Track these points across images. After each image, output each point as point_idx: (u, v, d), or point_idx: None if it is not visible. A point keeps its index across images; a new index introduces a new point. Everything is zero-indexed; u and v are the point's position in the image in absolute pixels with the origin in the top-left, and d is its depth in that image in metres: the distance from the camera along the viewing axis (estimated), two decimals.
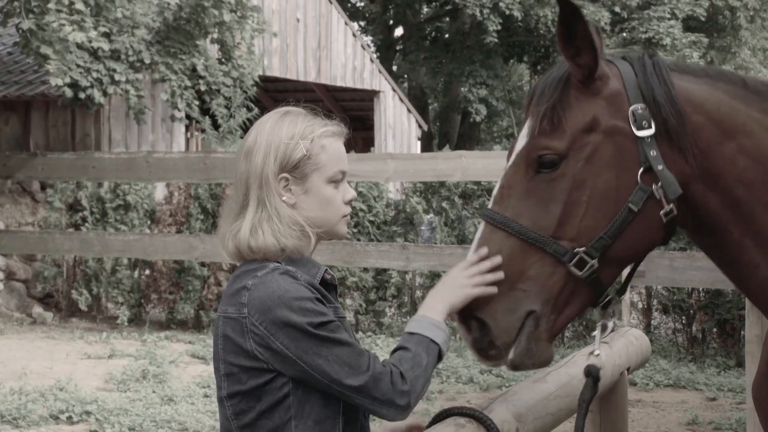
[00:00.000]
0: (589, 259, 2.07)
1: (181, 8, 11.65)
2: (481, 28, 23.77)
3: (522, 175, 2.12)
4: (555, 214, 2.08)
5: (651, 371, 7.95)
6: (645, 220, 2.11)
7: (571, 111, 2.11)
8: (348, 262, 9.21)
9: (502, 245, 2.09)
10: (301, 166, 2.11)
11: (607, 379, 2.94)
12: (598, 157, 2.10)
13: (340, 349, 1.99)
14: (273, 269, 2.05)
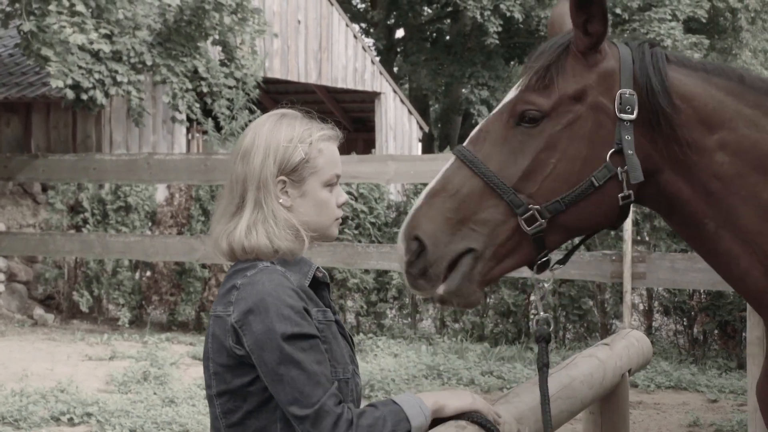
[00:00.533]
0: (539, 218, 2.15)
1: (182, 10, 11.66)
2: (481, 30, 23.77)
3: (502, 124, 2.21)
4: (521, 166, 2.17)
5: (652, 373, 7.94)
6: (602, 197, 2.19)
7: (564, 76, 2.19)
8: (349, 263, 9.21)
9: (464, 182, 2.17)
10: (299, 170, 2.12)
11: (608, 381, 2.94)
12: (577, 127, 2.18)
13: (297, 373, 1.97)
14: (262, 269, 2.06)
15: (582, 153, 2.17)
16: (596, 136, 2.18)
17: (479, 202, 2.15)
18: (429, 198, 2.17)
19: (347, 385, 2.10)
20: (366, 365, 8.31)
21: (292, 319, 1.98)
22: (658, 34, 23.00)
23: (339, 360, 2.09)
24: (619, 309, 9.07)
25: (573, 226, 2.23)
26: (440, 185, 2.18)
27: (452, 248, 2.13)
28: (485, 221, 2.15)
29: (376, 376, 7.74)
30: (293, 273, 2.10)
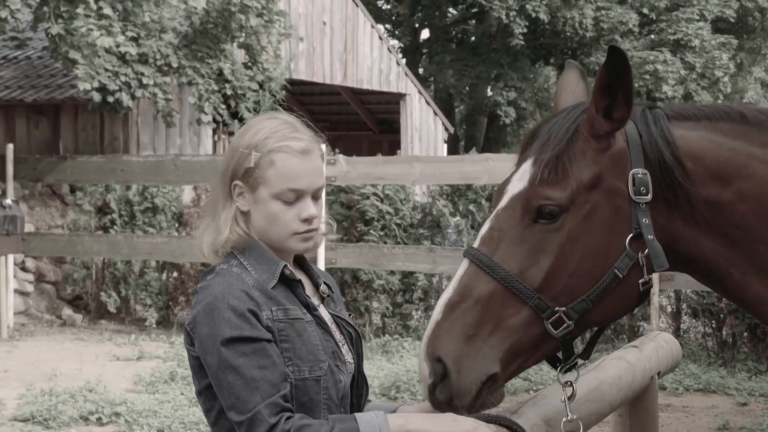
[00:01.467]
0: (566, 320, 2.02)
1: (208, 13, 11.72)
2: (507, 31, 23.72)
3: (516, 221, 2.04)
4: (544, 267, 2.02)
5: (680, 375, 7.88)
6: (626, 287, 2.06)
7: (577, 164, 2.04)
8: (375, 264, 9.21)
9: (484, 289, 2.01)
10: (249, 177, 2.11)
11: (637, 384, 2.92)
12: (596, 216, 2.04)
13: (234, 378, 1.96)
14: (219, 272, 2.08)
15: (603, 244, 2.04)
16: (614, 223, 2.05)
17: (501, 309, 2.00)
18: (448, 311, 2.01)
19: (318, 383, 2.07)
20: (392, 366, 8.30)
21: (232, 322, 1.97)
22: (686, 34, 22.85)
23: (305, 358, 2.06)
24: (646, 311, 9.00)
25: (598, 321, 2.11)
26: (458, 295, 2.01)
27: (476, 377, 1.99)
28: (508, 330, 2.01)
29: (402, 377, 7.73)
30: (260, 272, 2.09)
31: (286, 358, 2.04)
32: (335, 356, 2.13)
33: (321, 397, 2.07)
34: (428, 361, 1.99)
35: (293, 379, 2.03)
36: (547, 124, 2.12)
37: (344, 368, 2.16)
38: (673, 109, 2.19)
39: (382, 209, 10.07)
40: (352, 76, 18.19)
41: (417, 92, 19.85)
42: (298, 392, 2.04)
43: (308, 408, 2.05)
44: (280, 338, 2.04)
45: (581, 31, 23.43)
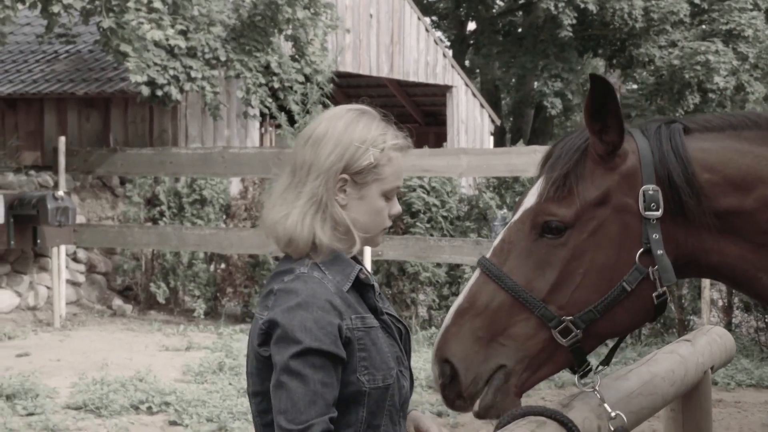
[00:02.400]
0: (574, 329, 2.09)
1: (255, 5, 11.78)
2: (555, 22, 23.50)
3: (525, 234, 2.13)
4: (549, 279, 2.10)
5: (732, 370, 7.76)
6: (637, 300, 2.11)
7: (584, 183, 2.11)
8: (421, 257, 9.20)
9: (492, 297, 2.10)
10: (364, 173, 2.09)
11: (690, 378, 2.87)
12: (603, 232, 2.10)
13: (297, 385, 1.95)
14: (299, 275, 2.04)
15: (611, 259, 2.10)
16: (623, 238, 2.10)
17: (509, 317, 2.09)
18: (457, 317, 2.11)
19: (387, 391, 2.07)
20: None
21: (314, 333, 1.96)
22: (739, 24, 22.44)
23: (379, 367, 2.06)
24: (697, 305, 8.87)
25: (609, 332, 2.16)
26: (467, 302, 2.11)
27: (485, 368, 2.09)
28: (516, 337, 2.09)
29: None
30: (335, 274, 2.07)
31: (363, 367, 2.04)
32: (399, 361, 2.14)
33: (386, 404, 2.08)
34: (437, 365, 2.10)
35: (367, 388, 2.04)
36: (562, 141, 2.20)
37: (407, 373, 2.17)
38: (696, 121, 2.22)
39: (428, 202, 10.05)
40: (399, 69, 18.17)
41: (463, 84, 19.77)
42: (369, 401, 2.04)
43: (374, 415, 2.06)
44: (358, 347, 2.04)
45: (631, 22, 23.12)
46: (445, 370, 2.09)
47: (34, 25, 14.87)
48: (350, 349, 2.03)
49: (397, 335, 2.19)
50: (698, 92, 22.47)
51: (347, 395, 2.03)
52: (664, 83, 23.32)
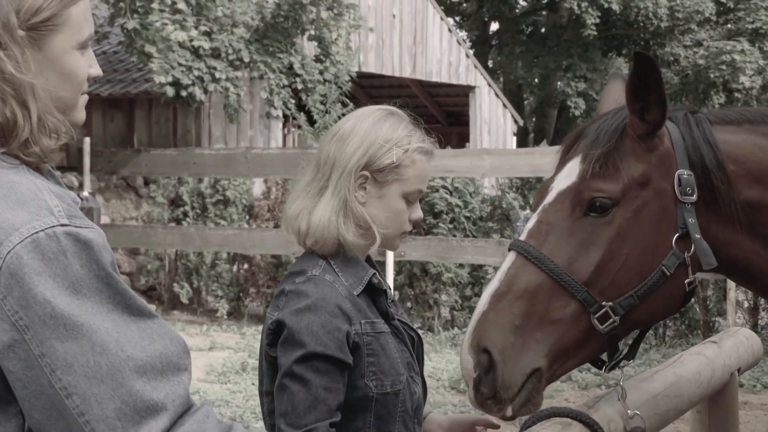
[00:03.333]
0: (612, 315, 2.01)
1: (279, 6, 11.82)
2: (578, 22, 23.40)
3: (566, 214, 2.05)
4: (593, 260, 2.02)
5: (758, 372, 7.68)
6: (672, 286, 2.07)
7: (628, 161, 2.07)
8: (443, 257, 9.18)
9: (532, 280, 2.00)
10: (385, 172, 2.08)
11: (717, 380, 2.85)
12: (645, 213, 2.06)
13: (299, 389, 1.95)
14: (311, 278, 2.03)
15: (651, 241, 2.05)
16: (662, 222, 2.07)
17: (548, 302, 1.99)
18: (494, 301, 1.99)
19: (397, 397, 2.06)
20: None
21: (320, 337, 1.96)
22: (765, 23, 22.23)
23: (388, 372, 2.05)
24: (722, 306, 8.79)
25: (645, 320, 2.11)
26: (505, 286, 2.00)
27: (521, 369, 1.97)
28: (554, 324, 1.99)
29: None
30: (347, 276, 2.06)
31: (371, 372, 2.03)
32: (410, 367, 2.12)
33: (398, 410, 2.06)
34: (473, 353, 1.96)
35: (375, 393, 2.02)
36: (594, 124, 2.15)
37: (418, 379, 2.15)
38: (715, 114, 2.21)
39: (451, 202, 10.03)
40: (421, 69, 18.15)
41: (486, 84, 19.72)
42: (377, 405, 2.03)
43: (384, 420, 2.05)
44: (367, 352, 2.03)
45: (656, 21, 22.97)
46: (483, 361, 1.96)
47: None
48: (358, 354, 2.02)
49: (409, 342, 2.18)
50: (723, 92, 22.30)
51: (354, 399, 2.02)
52: (689, 83, 23.16)
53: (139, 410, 1.35)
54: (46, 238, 1.34)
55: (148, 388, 1.36)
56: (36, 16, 1.43)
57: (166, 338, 1.42)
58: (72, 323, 1.33)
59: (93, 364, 1.34)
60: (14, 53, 1.40)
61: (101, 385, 1.34)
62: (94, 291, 1.36)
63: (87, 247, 1.37)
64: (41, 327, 1.32)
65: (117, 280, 1.40)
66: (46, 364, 1.33)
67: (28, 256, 1.33)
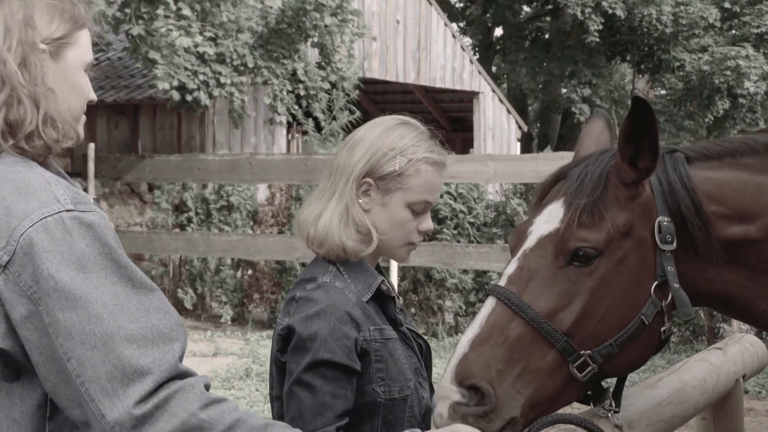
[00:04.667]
0: (591, 363, 2.00)
1: (283, 12, 11.84)
2: (582, 28, 23.39)
3: (548, 262, 2.02)
4: (575, 310, 1.99)
5: (764, 379, 7.66)
6: (649, 334, 2.06)
7: (612, 210, 2.04)
8: (447, 263, 9.17)
9: (512, 328, 1.96)
10: (387, 180, 2.09)
11: (722, 386, 2.84)
12: (626, 263, 2.04)
13: (306, 395, 1.97)
14: (321, 284, 2.05)
15: (631, 290, 2.03)
16: (642, 271, 2.05)
17: (528, 351, 1.96)
18: (476, 345, 1.95)
19: (405, 402, 2.07)
20: None
21: (328, 344, 1.97)
22: None
23: (395, 378, 2.06)
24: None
25: (622, 368, 2.09)
26: (486, 332, 1.96)
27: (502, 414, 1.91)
28: (533, 374, 1.95)
29: None
30: (356, 282, 2.07)
31: (379, 378, 2.04)
32: (418, 373, 2.13)
33: (405, 415, 2.07)
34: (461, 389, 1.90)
35: (383, 399, 2.03)
36: (576, 168, 2.12)
37: (426, 384, 2.16)
38: (695, 149, 2.18)
39: (455, 208, 10.03)
40: (425, 75, 18.17)
41: (490, 90, 19.73)
42: (385, 411, 2.04)
43: (392, 426, 2.06)
44: (375, 358, 2.04)
45: (660, 27, 22.97)
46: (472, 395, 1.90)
47: None
48: (367, 360, 2.03)
49: (417, 350, 2.19)
50: (728, 97, 22.28)
51: (362, 405, 2.03)
52: (693, 88, 23.13)
53: (128, 373, 1.53)
54: (54, 222, 1.57)
55: (136, 354, 1.54)
56: (54, 33, 1.71)
57: (160, 311, 1.60)
58: (72, 296, 1.54)
59: (88, 332, 1.54)
60: (33, 63, 1.66)
61: (94, 350, 1.53)
62: (98, 266, 1.57)
63: (90, 228, 1.59)
64: (48, 299, 1.54)
65: (120, 254, 1.61)
66: (53, 332, 1.54)
67: (38, 237, 1.55)
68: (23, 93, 1.65)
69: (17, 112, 1.64)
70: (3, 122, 1.64)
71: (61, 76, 1.72)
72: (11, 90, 1.64)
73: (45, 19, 1.70)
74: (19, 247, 1.55)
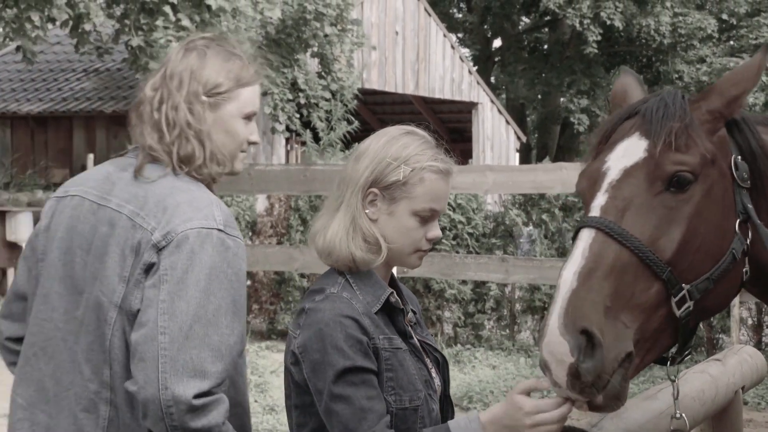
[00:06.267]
0: (689, 299, 1.91)
1: (283, 22, 11.88)
2: (581, 39, 23.46)
3: (643, 189, 1.94)
4: (675, 238, 1.92)
5: (763, 390, 7.65)
6: (736, 273, 2.01)
7: (701, 138, 2.00)
8: (446, 274, 9.17)
9: (618, 258, 1.87)
10: (392, 189, 2.10)
11: (721, 398, 2.84)
12: (714, 193, 1.99)
13: (343, 407, 1.98)
14: (329, 295, 2.06)
15: (721, 223, 1.98)
16: (726, 205, 2.00)
17: (634, 282, 1.87)
18: (583, 279, 1.84)
19: (416, 412, 2.07)
20: (464, 376, 8.25)
21: (345, 351, 1.98)
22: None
23: (406, 388, 2.06)
24: (726, 323, 8.77)
25: (714, 307, 2.02)
26: (592, 262, 1.85)
27: (616, 353, 1.81)
28: (639, 309, 1.87)
29: (474, 387, 7.68)
30: (365, 294, 2.08)
31: (389, 387, 2.04)
32: (428, 385, 2.13)
33: (417, 426, 2.07)
34: (570, 334, 1.77)
35: (394, 409, 2.04)
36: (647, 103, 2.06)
37: (435, 396, 2.16)
38: (756, 117, 2.20)
39: (454, 218, 10.03)
40: (424, 86, 18.20)
41: (489, 101, 19.76)
42: (397, 421, 2.04)
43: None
44: (385, 367, 2.05)
45: (658, 37, 23.03)
46: (582, 343, 1.77)
47: (64, 44, 15.09)
48: (378, 368, 2.04)
49: (434, 364, 2.20)
50: None
51: None
52: None
53: (198, 371, 1.95)
54: (206, 233, 2.03)
55: (209, 360, 1.96)
56: (215, 89, 2.17)
57: (238, 336, 2.03)
58: (189, 292, 1.97)
59: (188, 324, 1.96)
60: (198, 111, 2.15)
61: (185, 340, 1.95)
62: (218, 281, 2.00)
63: (227, 250, 2.04)
64: (175, 284, 1.98)
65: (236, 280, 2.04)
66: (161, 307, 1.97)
67: (192, 237, 2.02)
68: (190, 134, 2.13)
69: (186, 148, 2.13)
70: (177, 156, 2.13)
71: (218, 123, 2.16)
72: (180, 131, 2.13)
73: (212, 76, 2.17)
74: (176, 240, 2.01)
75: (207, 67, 2.19)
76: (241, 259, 2.05)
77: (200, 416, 1.93)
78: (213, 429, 1.94)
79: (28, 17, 10.02)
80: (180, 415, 1.92)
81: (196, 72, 2.17)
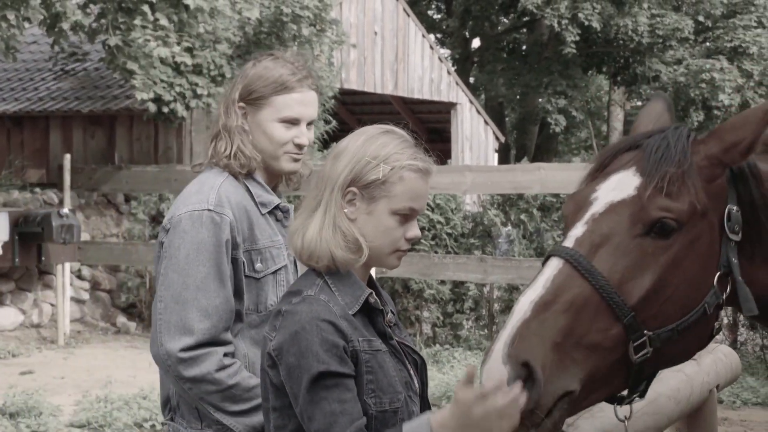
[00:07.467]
0: (648, 346, 1.88)
1: (261, 23, 11.84)
2: (558, 39, 23.56)
3: (624, 229, 1.90)
4: (644, 285, 1.88)
5: (738, 389, 7.72)
6: (705, 327, 1.97)
7: (696, 186, 1.94)
8: (425, 274, 9.19)
9: (580, 294, 1.84)
10: (371, 188, 2.09)
11: (695, 397, 2.87)
12: (699, 245, 1.95)
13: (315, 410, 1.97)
14: (305, 298, 2.05)
15: (699, 276, 1.93)
16: (708, 258, 1.95)
17: (592, 321, 1.83)
18: (538, 310, 1.81)
19: (396, 414, 2.06)
20: (442, 376, 8.26)
21: (320, 356, 1.97)
22: (743, 41, 22.47)
23: (386, 390, 2.06)
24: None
25: (672, 359, 1.99)
26: (551, 295, 1.82)
27: (554, 390, 1.78)
28: (596, 345, 1.83)
29: (452, 387, 7.69)
30: (344, 295, 2.07)
31: (369, 389, 2.03)
32: (408, 386, 2.13)
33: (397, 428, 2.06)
34: (512, 365, 1.76)
35: (374, 411, 2.03)
36: (652, 138, 2.00)
37: (416, 398, 2.16)
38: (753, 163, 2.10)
39: (432, 219, 10.05)
40: (403, 86, 18.21)
41: (468, 101, 19.80)
42: (377, 423, 2.03)
43: None
44: (365, 370, 2.03)
45: (636, 38, 23.16)
46: (521, 375, 1.76)
47: (40, 43, 14.96)
48: (358, 371, 2.03)
49: (412, 365, 2.19)
50: (702, 109, 22.47)
51: None
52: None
53: (186, 328, 2.40)
54: (198, 214, 2.45)
55: (196, 320, 2.40)
56: (251, 95, 2.56)
57: (224, 300, 2.43)
58: (178, 263, 2.43)
59: (178, 292, 2.41)
60: (233, 114, 2.56)
61: (176, 305, 2.41)
62: (206, 252, 2.42)
63: (215, 224, 2.44)
64: (169, 260, 2.45)
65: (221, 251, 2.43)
66: (161, 281, 2.45)
67: (185, 220, 2.46)
68: (224, 134, 2.56)
69: (219, 144, 2.57)
70: (212, 149, 2.58)
71: (255, 125, 2.55)
72: (218, 130, 2.57)
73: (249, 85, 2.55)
74: (174, 222, 2.46)
75: (249, 77, 2.56)
76: (223, 232, 2.43)
77: (191, 366, 2.37)
78: (206, 377, 2.36)
79: (3, 16, 9.94)
80: (174, 366, 2.38)
81: (240, 82, 2.57)
